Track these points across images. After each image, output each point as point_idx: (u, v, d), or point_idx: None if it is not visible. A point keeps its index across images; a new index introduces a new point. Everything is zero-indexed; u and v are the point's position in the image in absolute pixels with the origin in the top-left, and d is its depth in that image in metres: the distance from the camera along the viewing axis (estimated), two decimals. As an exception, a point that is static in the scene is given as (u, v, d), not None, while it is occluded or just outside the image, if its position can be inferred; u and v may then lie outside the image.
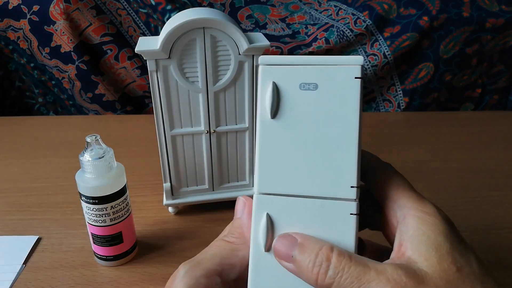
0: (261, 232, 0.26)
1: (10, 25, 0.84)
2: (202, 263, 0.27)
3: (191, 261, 0.27)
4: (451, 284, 0.22)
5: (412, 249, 0.24)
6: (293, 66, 0.26)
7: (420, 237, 0.24)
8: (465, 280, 0.22)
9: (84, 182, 0.43)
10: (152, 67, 0.46)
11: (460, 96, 0.96)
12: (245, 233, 0.28)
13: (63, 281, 0.46)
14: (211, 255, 0.27)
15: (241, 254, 0.27)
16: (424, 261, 0.23)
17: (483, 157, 0.73)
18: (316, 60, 0.26)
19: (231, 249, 0.28)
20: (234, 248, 0.28)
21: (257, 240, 0.26)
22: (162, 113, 0.49)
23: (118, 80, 0.90)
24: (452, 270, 0.23)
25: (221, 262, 0.27)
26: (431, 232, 0.24)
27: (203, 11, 0.47)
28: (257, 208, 0.26)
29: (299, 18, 0.90)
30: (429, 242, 0.23)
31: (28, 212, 0.57)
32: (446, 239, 0.24)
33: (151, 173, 0.66)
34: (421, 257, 0.23)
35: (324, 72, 0.26)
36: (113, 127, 0.84)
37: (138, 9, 0.85)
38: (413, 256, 0.23)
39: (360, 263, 0.23)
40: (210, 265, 0.26)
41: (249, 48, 0.46)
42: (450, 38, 0.86)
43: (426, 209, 0.25)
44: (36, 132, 0.81)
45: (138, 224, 0.54)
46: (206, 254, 0.28)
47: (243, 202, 0.30)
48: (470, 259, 0.23)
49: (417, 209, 0.25)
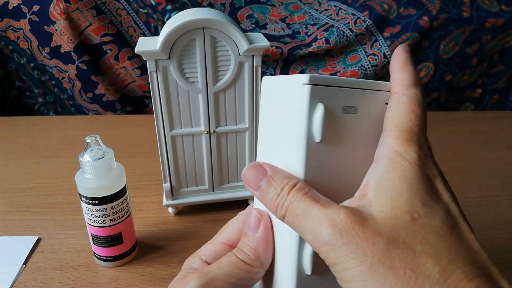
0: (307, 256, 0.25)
1: (10, 25, 0.84)
2: (217, 281, 0.26)
3: (205, 276, 0.26)
4: (395, 232, 0.21)
5: (373, 191, 0.23)
6: (338, 88, 0.25)
7: (384, 182, 0.23)
8: (417, 230, 0.21)
9: (84, 183, 0.43)
10: (152, 68, 0.46)
11: (460, 96, 0.96)
12: (261, 256, 0.27)
13: (62, 281, 0.46)
14: (226, 274, 0.26)
15: (256, 277, 0.27)
16: (379, 206, 0.22)
17: (483, 157, 0.73)
18: (358, 83, 0.26)
19: (247, 271, 0.27)
20: (251, 271, 0.27)
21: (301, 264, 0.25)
22: (162, 113, 0.49)
23: (118, 80, 0.90)
24: (405, 219, 0.21)
25: (236, 282, 0.26)
26: (397, 178, 0.22)
27: (203, 11, 0.47)
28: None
29: (299, 18, 0.90)
30: (391, 187, 0.22)
31: (27, 213, 0.57)
32: (410, 187, 0.22)
33: (151, 174, 0.66)
34: (378, 202, 0.22)
35: (364, 96, 0.26)
36: (113, 127, 0.84)
37: (138, 9, 0.85)
38: (372, 199, 0.23)
39: (310, 198, 0.23)
40: (225, 284, 0.26)
41: (249, 48, 0.46)
42: (450, 38, 0.86)
43: (406, 155, 0.23)
44: (36, 132, 0.81)
45: (138, 225, 0.54)
46: (221, 270, 0.26)
47: (257, 217, 0.28)
48: (434, 212, 0.22)
49: (395, 152, 0.23)
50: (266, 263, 0.27)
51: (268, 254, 0.27)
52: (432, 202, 0.22)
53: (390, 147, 0.23)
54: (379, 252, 0.20)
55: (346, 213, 0.22)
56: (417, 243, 0.21)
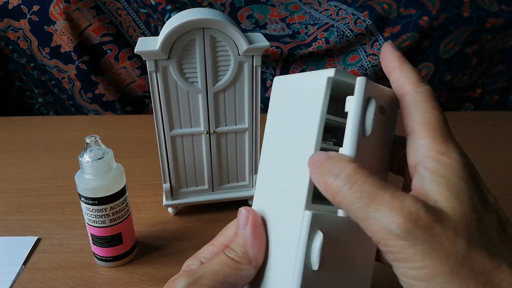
0: (316, 251, 0.25)
1: (10, 25, 0.84)
2: (204, 279, 0.26)
3: (193, 275, 0.26)
4: (470, 232, 0.20)
5: (431, 188, 0.22)
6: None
7: (440, 179, 0.21)
8: (484, 231, 0.20)
9: (83, 183, 0.43)
10: (152, 68, 0.46)
11: (460, 96, 0.96)
12: (249, 253, 0.27)
13: (62, 282, 0.46)
14: (214, 272, 0.26)
15: (245, 274, 0.27)
16: (445, 201, 0.21)
17: (483, 157, 0.73)
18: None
19: (235, 268, 0.26)
20: (238, 268, 0.27)
21: (309, 259, 0.25)
22: (162, 113, 0.49)
23: (118, 80, 0.90)
24: (473, 217, 0.21)
25: (224, 280, 0.26)
26: (452, 176, 0.21)
27: (203, 11, 0.47)
28: (311, 227, 0.25)
29: (299, 18, 0.90)
30: (450, 184, 0.21)
31: (27, 213, 0.57)
32: (466, 185, 0.21)
33: (150, 174, 0.66)
34: (442, 197, 0.21)
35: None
36: (113, 127, 0.84)
37: (138, 9, 0.85)
38: (434, 195, 0.21)
39: (378, 183, 0.21)
40: (212, 282, 0.26)
41: (249, 48, 0.46)
42: (450, 38, 0.86)
43: (449, 153, 0.22)
44: (36, 132, 0.81)
45: (138, 225, 0.54)
46: (208, 269, 0.27)
47: (245, 215, 0.28)
48: (490, 211, 0.21)
49: (437, 151, 0.22)
50: (256, 260, 0.27)
51: (258, 251, 0.27)
52: (486, 201, 0.22)
53: (429, 147, 0.23)
54: (461, 253, 0.20)
55: (424, 208, 0.20)
56: (488, 245, 0.20)
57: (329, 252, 0.25)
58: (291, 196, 0.26)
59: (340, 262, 0.26)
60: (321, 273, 0.25)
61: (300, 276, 0.25)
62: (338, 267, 0.26)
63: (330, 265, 0.26)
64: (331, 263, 0.26)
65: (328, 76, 0.25)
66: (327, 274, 0.26)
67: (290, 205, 0.26)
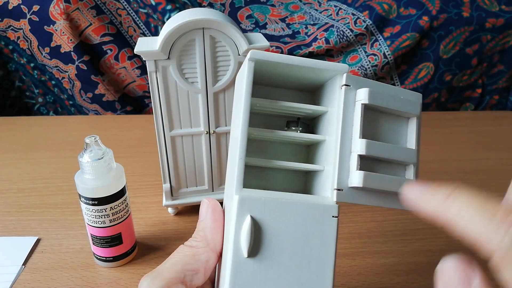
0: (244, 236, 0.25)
1: (10, 25, 0.84)
2: (163, 273, 0.26)
3: (152, 273, 0.26)
4: None
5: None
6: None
7: None
8: None
9: (83, 183, 0.43)
10: (152, 68, 0.46)
11: (460, 96, 0.96)
12: (207, 236, 0.27)
13: (62, 282, 0.46)
14: (171, 263, 0.26)
15: (203, 258, 0.26)
16: None
17: (483, 157, 0.73)
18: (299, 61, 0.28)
19: (192, 254, 0.26)
20: (195, 253, 0.27)
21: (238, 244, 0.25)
22: (162, 113, 0.49)
23: (118, 80, 0.90)
24: None
25: (183, 269, 0.26)
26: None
27: (203, 11, 0.47)
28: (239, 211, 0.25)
29: (299, 18, 0.90)
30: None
31: (27, 213, 0.57)
32: None
33: (150, 174, 0.66)
34: None
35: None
36: (113, 127, 0.84)
37: (138, 9, 0.85)
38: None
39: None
40: (171, 273, 0.25)
41: (249, 48, 0.46)
42: (450, 38, 0.86)
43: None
44: (36, 132, 0.81)
45: (138, 225, 0.54)
46: (167, 263, 0.27)
47: (206, 203, 0.29)
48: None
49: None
50: (214, 242, 0.27)
51: (216, 233, 0.27)
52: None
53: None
54: None
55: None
56: None
57: (264, 240, 0.25)
58: (231, 182, 0.27)
59: (281, 251, 0.25)
60: (256, 261, 0.25)
61: (230, 263, 0.24)
62: (278, 257, 0.25)
63: (267, 254, 0.25)
64: (268, 252, 0.25)
65: (248, 58, 0.26)
66: (265, 263, 0.25)
67: (231, 191, 0.26)
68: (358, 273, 0.48)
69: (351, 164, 0.27)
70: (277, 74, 0.29)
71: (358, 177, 0.26)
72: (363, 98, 0.27)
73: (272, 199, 0.25)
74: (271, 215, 0.25)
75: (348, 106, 0.27)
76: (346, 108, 0.27)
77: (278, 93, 0.32)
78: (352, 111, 0.27)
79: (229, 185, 0.28)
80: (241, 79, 0.28)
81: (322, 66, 0.27)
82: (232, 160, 0.28)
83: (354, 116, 0.27)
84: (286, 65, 0.27)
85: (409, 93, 0.29)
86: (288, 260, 0.25)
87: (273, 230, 0.25)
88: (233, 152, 0.28)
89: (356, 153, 0.27)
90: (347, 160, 0.27)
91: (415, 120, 0.29)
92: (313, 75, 0.29)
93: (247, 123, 0.26)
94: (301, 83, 0.31)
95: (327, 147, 0.29)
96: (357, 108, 0.27)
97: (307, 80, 0.30)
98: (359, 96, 0.27)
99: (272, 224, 0.25)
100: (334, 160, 0.27)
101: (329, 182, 0.27)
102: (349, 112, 0.27)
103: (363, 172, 0.26)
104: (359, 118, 0.27)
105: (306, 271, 0.25)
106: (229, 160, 0.30)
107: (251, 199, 0.25)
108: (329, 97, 0.29)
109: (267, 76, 0.29)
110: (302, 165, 0.29)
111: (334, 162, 0.27)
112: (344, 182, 0.27)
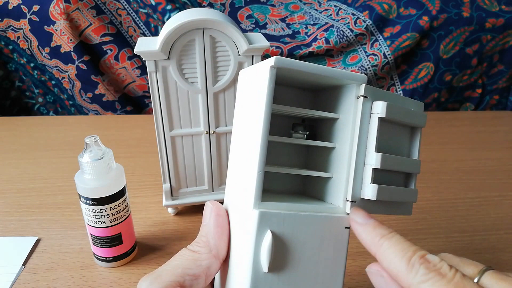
0: (265, 251, 0.24)
1: (10, 25, 0.84)
2: (163, 276, 0.25)
3: (152, 274, 0.26)
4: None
5: None
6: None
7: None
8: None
9: (83, 183, 0.43)
10: (151, 68, 0.46)
11: (460, 96, 0.96)
12: (210, 242, 0.27)
13: (62, 282, 0.46)
14: (172, 266, 0.26)
15: (205, 264, 0.26)
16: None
17: (483, 157, 0.73)
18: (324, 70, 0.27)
19: (194, 259, 0.26)
20: (197, 258, 0.26)
21: (258, 259, 0.24)
22: (162, 114, 0.49)
23: (118, 80, 0.90)
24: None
25: (183, 273, 0.25)
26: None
27: (203, 11, 0.47)
28: (259, 226, 0.24)
29: (299, 18, 0.90)
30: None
31: (27, 213, 0.57)
32: None
33: (150, 174, 0.66)
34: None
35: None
36: (113, 127, 0.84)
37: (138, 9, 0.85)
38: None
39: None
40: (171, 276, 0.25)
41: (249, 48, 0.46)
42: (450, 38, 0.86)
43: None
44: (36, 132, 0.81)
45: (138, 225, 0.54)
46: (167, 266, 0.26)
47: (210, 207, 0.28)
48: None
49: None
50: (217, 249, 0.27)
51: (219, 239, 0.27)
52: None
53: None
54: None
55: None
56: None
57: (283, 253, 0.24)
58: (245, 192, 0.26)
59: (298, 264, 0.25)
60: (275, 276, 0.24)
61: (249, 278, 0.24)
62: (295, 269, 0.25)
63: (285, 267, 0.25)
64: (286, 265, 0.25)
65: (270, 65, 0.25)
66: (283, 277, 0.25)
67: (245, 202, 0.26)
68: (358, 273, 0.48)
69: (364, 176, 0.27)
70: (288, 77, 0.28)
71: (372, 191, 0.26)
72: (381, 112, 0.26)
73: (290, 213, 0.25)
74: (289, 229, 0.25)
75: (364, 117, 0.27)
76: (362, 120, 0.27)
77: (280, 91, 0.31)
78: (367, 122, 0.27)
79: (240, 193, 0.27)
80: (255, 84, 0.27)
81: (343, 76, 0.26)
82: (241, 166, 0.27)
83: (369, 129, 0.27)
84: (307, 73, 0.26)
85: (414, 103, 0.29)
86: (304, 272, 0.25)
87: (291, 243, 0.25)
88: (240, 156, 0.28)
89: (371, 166, 0.26)
90: (360, 172, 0.27)
91: (419, 131, 0.29)
92: (326, 81, 0.28)
93: (267, 135, 0.25)
94: (306, 83, 0.30)
95: (336, 155, 0.28)
96: (373, 120, 0.27)
97: (316, 83, 0.29)
98: (376, 109, 0.27)
99: (291, 238, 0.25)
100: (347, 171, 0.27)
101: (339, 191, 0.27)
102: (364, 123, 0.27)
103: (377, 186, 0.26)
104: (375, 132, 0.26)
105: (321, 282, 0.26)
106: (232, 161, 0.30)
107: (271, 214, 0.24)
108: (340, 104, 0.29)
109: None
110: (314, 173, 0.29)
111: (348, 173, 0.27)
112: (356, 194, 0.27)
